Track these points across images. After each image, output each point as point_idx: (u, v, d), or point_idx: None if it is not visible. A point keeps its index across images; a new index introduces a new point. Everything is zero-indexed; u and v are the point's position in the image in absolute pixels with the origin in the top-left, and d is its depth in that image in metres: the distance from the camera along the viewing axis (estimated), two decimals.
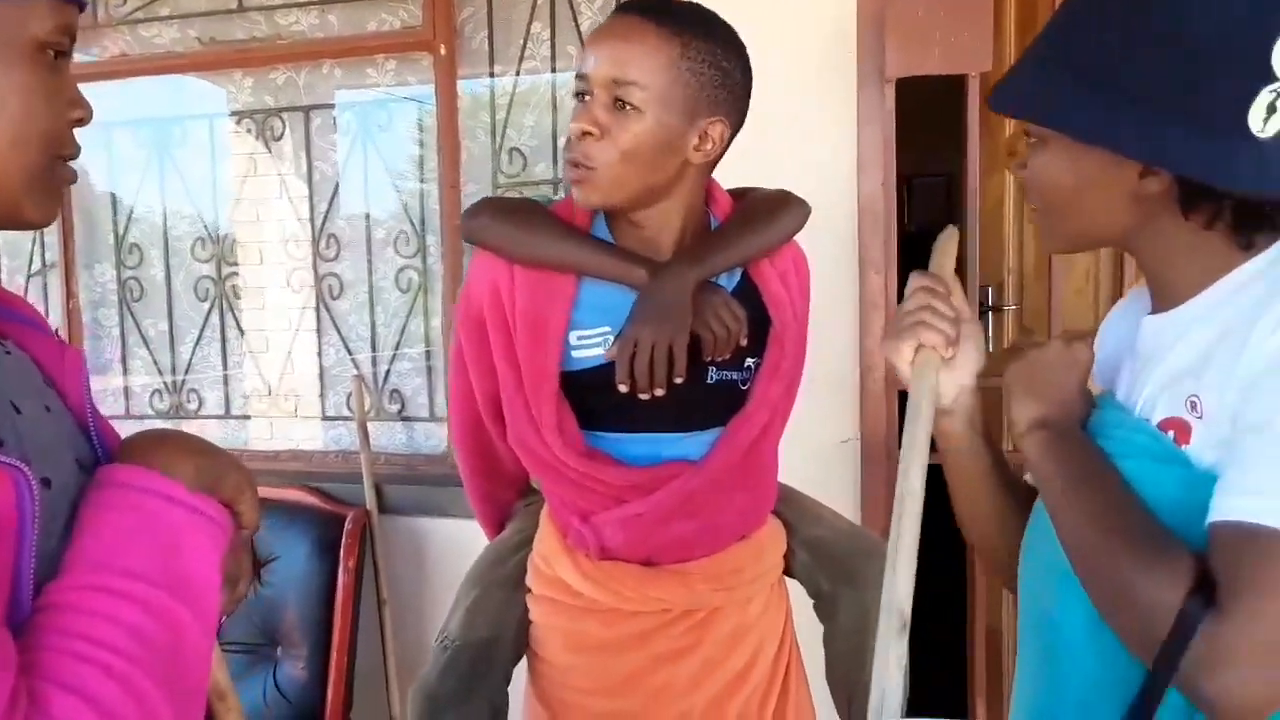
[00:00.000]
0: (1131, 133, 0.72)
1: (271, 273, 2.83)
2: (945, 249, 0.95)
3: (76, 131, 0.69)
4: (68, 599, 0.58)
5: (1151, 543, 0.70)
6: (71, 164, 0.69)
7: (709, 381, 1.20)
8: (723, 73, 1.11)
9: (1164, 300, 0.82)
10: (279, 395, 2.81)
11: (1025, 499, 0.93)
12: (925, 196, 4.50)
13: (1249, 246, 0.76)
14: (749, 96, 1.16)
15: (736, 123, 1.16)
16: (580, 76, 1.10)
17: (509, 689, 1.35)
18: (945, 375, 0.90)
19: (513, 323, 1.18)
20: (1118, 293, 2.12)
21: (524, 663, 1.37)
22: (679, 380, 1.12)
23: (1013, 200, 2.39)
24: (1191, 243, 0.77)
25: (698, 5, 1.13)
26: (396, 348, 2.76)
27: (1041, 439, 0.82)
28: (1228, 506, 0.67)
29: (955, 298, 0.91)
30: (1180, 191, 0.75)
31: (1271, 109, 0.70)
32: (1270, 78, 0.69)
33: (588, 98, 1.10)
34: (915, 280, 0.92)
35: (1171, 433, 0.75)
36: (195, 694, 0.64)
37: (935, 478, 0.85)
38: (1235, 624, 0.64)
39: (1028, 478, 0.94)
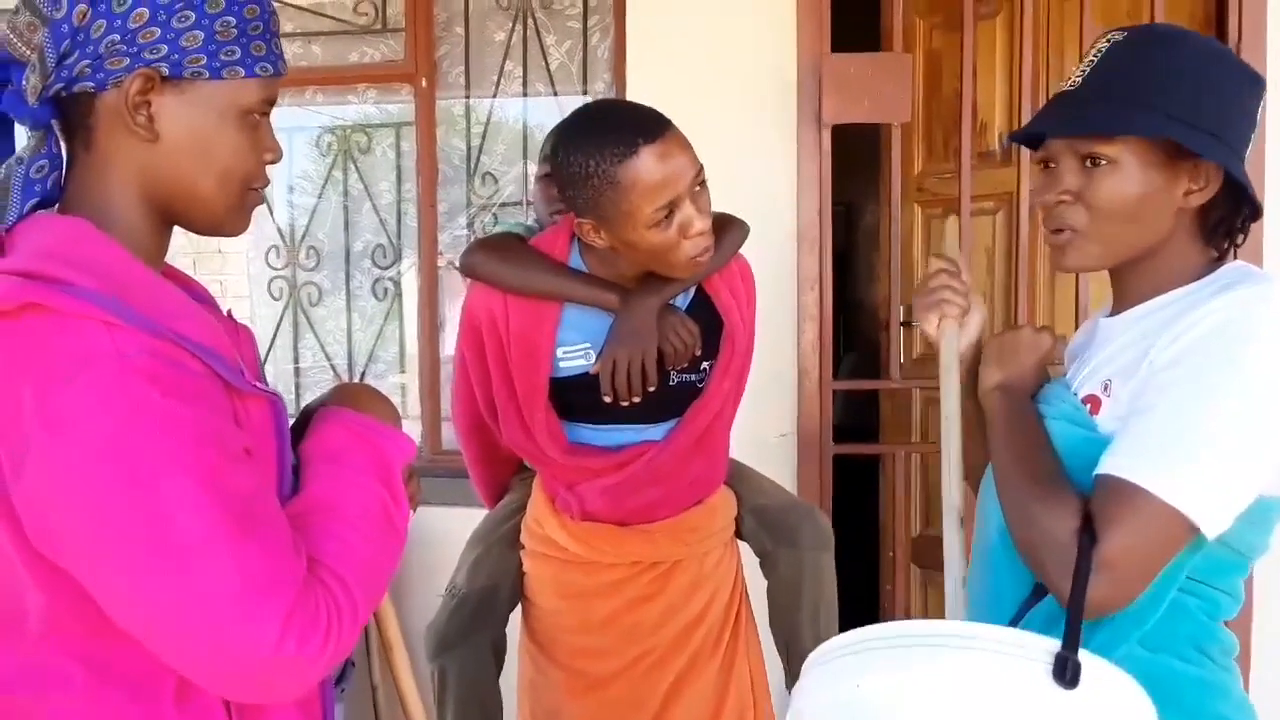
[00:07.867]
0: (1222, 152, 0.92)
1: (253, 282, 3.02)
2: (949, 241, 1.20)
3: None
4: (313, 485, 0.83)
5: (1052, 483, 0.93)
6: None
7: (670, 384, 1.43)
8: None
9: (1120, 305, 1.03)
10: None
11: None
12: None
13: (1220, 259, 0.99)
14: None
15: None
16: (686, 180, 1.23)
17: (506, 630, 1.60)
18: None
19: (507, 343, 1.39)
20: (1010, 315, 2.45)
21: (519, 609, 1.61)
22: (651, 389, 1.37)
23: (920, 228, 2.71)
24: (1180, 254, 0.98)
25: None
26: (371, 351, 2.98)
27: (997, 397, 1.06)
28: (1110, 464, 0.89)
29: (965, 276, 1.15)
30: (1211, 205, 0.96)
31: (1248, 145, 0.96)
32: (1254, 125, 0.97)
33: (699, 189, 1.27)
34: (935, 263, 1.16)
35: (1088, 405, 0.99)
36: (393, 562, 0.85)
37: (868, 473, 1.09)
38: (1103, 547, 0.85)
39: None
